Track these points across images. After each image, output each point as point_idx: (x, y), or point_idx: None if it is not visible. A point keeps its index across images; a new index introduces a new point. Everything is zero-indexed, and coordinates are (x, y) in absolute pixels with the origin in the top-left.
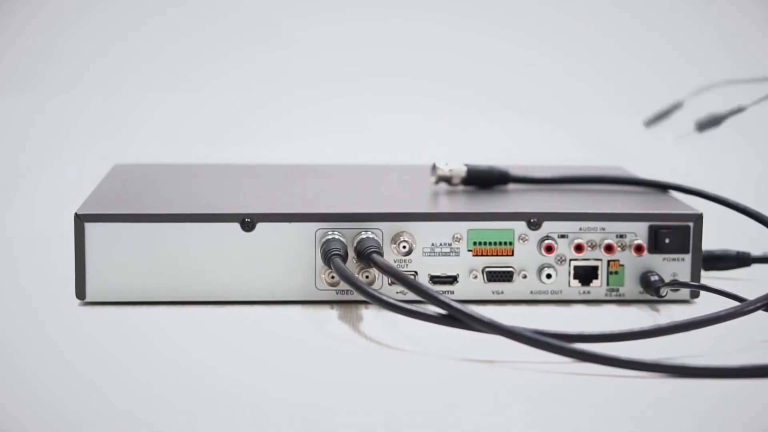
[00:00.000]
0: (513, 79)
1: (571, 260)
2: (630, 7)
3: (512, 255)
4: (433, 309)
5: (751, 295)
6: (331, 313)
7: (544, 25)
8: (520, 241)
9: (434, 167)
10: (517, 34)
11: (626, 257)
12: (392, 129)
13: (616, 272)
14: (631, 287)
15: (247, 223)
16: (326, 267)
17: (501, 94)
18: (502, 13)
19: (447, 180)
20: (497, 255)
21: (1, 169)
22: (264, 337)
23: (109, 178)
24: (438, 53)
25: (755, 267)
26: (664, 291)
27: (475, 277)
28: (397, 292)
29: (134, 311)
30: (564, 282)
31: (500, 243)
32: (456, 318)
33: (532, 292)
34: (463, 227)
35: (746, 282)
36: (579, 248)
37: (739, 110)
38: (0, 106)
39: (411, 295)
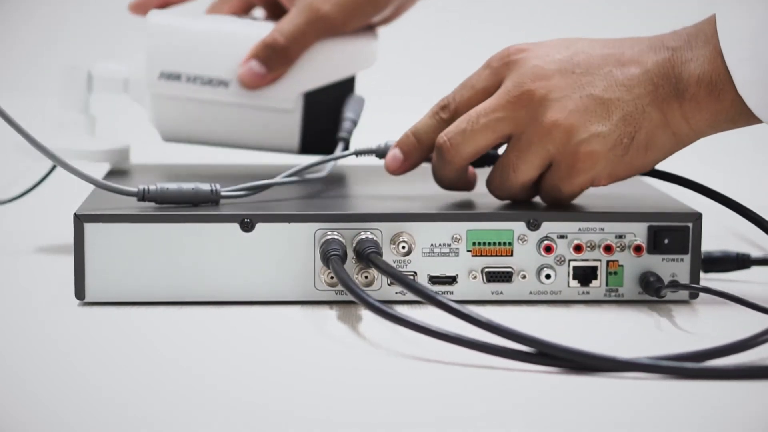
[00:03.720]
0: None
1: (570, 261)
2: (631, 6)
3: (511, 255)
4: (431, 313)
5: (751, 297)
6: (331, 314)
7: (545, 24)
8: (520, 242)
9: None
10: (517, 34)
11: (625, 258)
12: (392, 129)
13: (616, 273)
14: (630, 288)
15: (247, 223)
16: (325, 267)
17: None
18: (502, 12)
19: None
20: (496, 255)
21: (1, 169)
22: (264, 337)
23: (108, 178)
24: (438, 53)
25: (755, 269)
26: (664, 292)
27: (475, 277)
28: (396, 293)
29: (134, 311)
30: (563, 282)
31: (499, 243)
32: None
33: (531, 293)
34: (462, 227)
35: (746, 284)
36: (578, 249)
37: None
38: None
39: (410, 296)
